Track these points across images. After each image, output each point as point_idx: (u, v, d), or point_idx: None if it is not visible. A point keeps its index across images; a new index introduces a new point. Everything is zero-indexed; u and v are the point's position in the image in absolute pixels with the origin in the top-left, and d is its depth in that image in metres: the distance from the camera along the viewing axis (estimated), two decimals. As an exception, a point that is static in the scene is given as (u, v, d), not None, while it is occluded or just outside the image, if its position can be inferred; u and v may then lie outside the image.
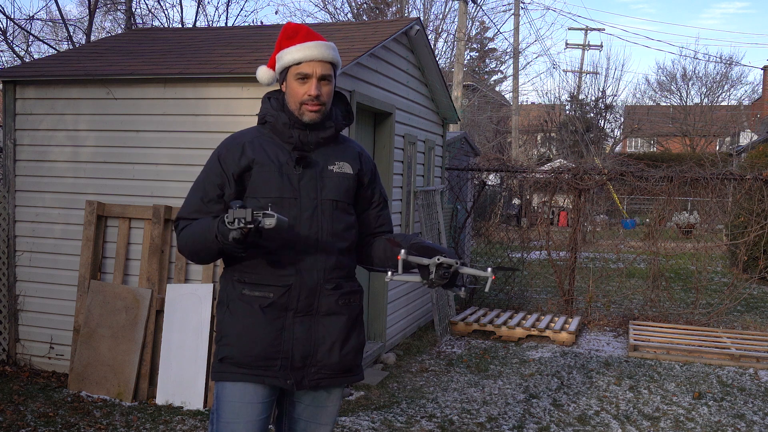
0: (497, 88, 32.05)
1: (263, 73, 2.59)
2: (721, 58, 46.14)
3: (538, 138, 33.79)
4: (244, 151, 2.44)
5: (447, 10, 20.21)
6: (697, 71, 47.41)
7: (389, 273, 2.36)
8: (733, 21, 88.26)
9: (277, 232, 2.22)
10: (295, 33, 2.47)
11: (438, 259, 2.26)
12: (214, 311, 2.41)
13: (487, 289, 2.30)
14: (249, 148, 2.45)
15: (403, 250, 2.29)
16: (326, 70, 2.43)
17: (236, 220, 2.15)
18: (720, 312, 8.53)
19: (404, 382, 5.87)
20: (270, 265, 2.40)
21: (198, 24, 13.88)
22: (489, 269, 2.28)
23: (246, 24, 14.37)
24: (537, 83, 55.77)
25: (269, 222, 2.16)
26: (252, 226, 2.15)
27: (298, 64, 2.42)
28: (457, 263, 2.27)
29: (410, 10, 19.56)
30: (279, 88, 2.56)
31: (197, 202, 2.47)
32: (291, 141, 2.46)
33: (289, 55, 2.44)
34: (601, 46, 39.34)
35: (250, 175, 2.43)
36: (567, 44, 33.68)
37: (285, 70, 2.47)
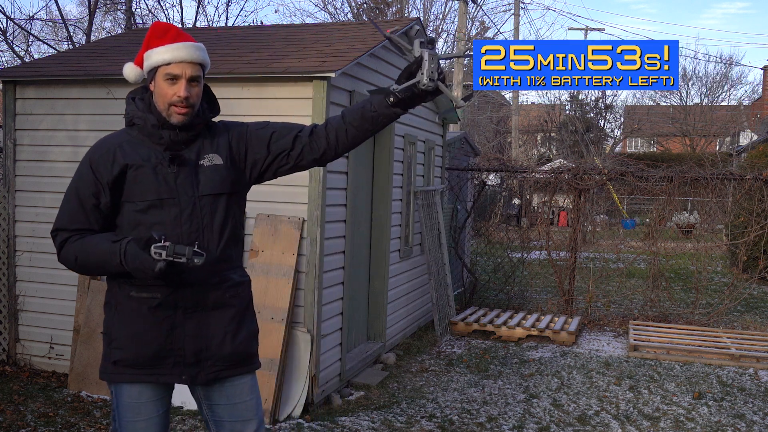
0: (497, 88, 31.98)
1: (130, 70, 2.59)
2: (721, 58, 46.19)
3: (538, 138, 33.79)
4: (115, 157, 2.43)
5: (447, 10, 20.21)
6: (697, 71, 47.49)
7: (392, 87, 2.46)
8: (733, 21, 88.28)
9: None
10: (164, 33, 2.48)
11: (420, 42, 2.40)
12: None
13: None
14: (120, 153, 2.44)
15: (386, 32, 2.45)
16: (196, 71, 2.46)
17: (164, 254, 2.19)
18: (720, 312, 8.54)
19: (404, 382, 5.87)
20: None
21: (198, 24, 13.90)
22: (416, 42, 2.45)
23: (246, 24, 14.37)
24: (537, 83, 55.70)
25: (198, 260, 2.22)
26: (183, 261, 2.20)
27: (168, 64, 2.43)
28: (427, 36, 2.39)
29: (410, 10, 19.54)
30: (144, 86, 2.55)
31: (76, 212, 2.44)
32: (162, 142, 2.45)
33: (158, 55, 2.45)
34: (601, 46, 39.21)
35: (125, 179, 2.42)
36: (567, 44, 33.61)
37: (154, 70, 2.47)
